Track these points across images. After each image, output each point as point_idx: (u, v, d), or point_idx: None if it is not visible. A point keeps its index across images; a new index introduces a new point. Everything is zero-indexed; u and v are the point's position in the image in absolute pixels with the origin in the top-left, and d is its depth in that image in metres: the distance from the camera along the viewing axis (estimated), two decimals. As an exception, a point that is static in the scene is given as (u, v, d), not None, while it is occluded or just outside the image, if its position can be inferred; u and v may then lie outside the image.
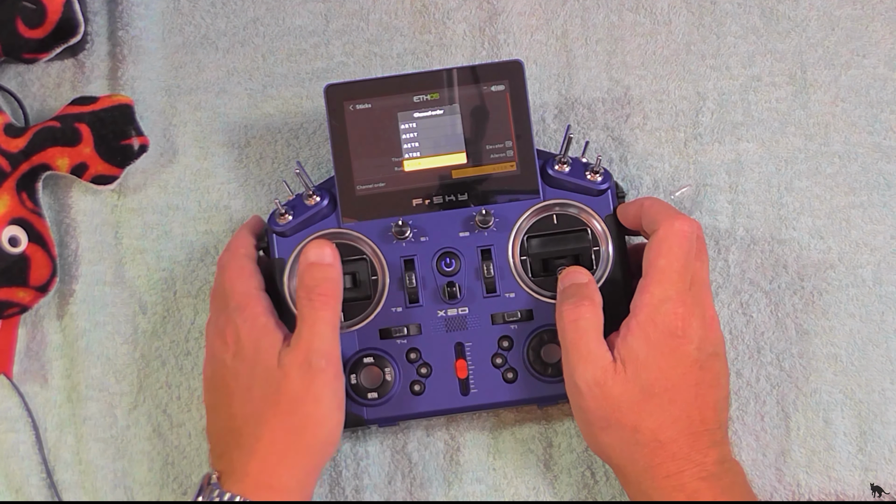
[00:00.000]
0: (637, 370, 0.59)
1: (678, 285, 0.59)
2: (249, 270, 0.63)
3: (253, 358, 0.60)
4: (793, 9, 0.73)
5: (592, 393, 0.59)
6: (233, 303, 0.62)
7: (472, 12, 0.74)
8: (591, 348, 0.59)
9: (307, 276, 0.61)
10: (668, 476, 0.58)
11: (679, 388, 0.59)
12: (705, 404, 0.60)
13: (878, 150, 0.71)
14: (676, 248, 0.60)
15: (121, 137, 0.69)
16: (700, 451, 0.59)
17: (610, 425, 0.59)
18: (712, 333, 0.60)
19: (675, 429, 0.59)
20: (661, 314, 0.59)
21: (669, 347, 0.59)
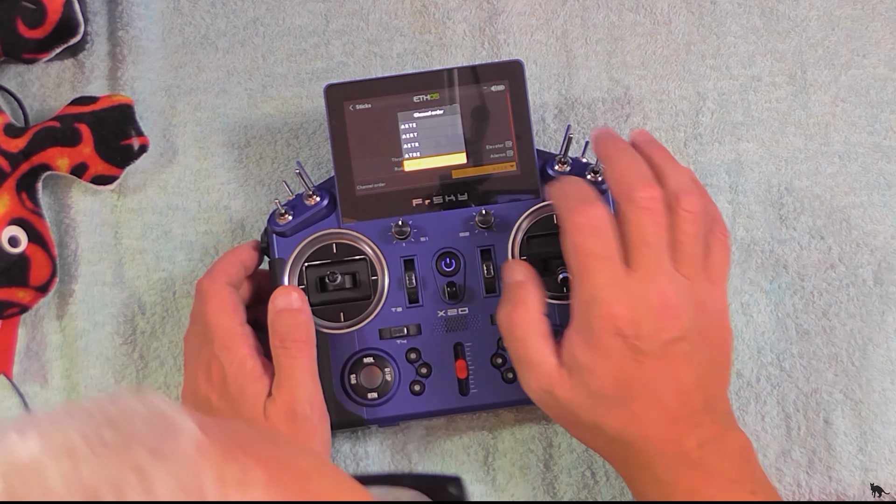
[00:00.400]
0: (582, 377, 0.56)
1: (601, 281, 0.55)
2: (232, 302, 0.62)
3: (238, 401, 0.61)
4: (793, 9, 0.73)
5: (544, 400, 0.58)
6: (217, 341, 0.61)
7: (472, 12, 0.74)
8: (532, 356, 0.57)
9: (278, 324, 0.61)
10: (641, 468, 0.57)
11: (634, 385, 0.55)
12: (672, 392, 0.56)
13: (878, 150, 0.71)
14: (581, 244, 0.56)
15: (121, 137, 0.69)
16: (673, 440, 0.56)
17: (573, 426, 0.59)
18: (669, 320, 0.55)
19: (641, 424, 0.56)
20: (593, 317, 0.55)
21: (612, 349, 0.55)
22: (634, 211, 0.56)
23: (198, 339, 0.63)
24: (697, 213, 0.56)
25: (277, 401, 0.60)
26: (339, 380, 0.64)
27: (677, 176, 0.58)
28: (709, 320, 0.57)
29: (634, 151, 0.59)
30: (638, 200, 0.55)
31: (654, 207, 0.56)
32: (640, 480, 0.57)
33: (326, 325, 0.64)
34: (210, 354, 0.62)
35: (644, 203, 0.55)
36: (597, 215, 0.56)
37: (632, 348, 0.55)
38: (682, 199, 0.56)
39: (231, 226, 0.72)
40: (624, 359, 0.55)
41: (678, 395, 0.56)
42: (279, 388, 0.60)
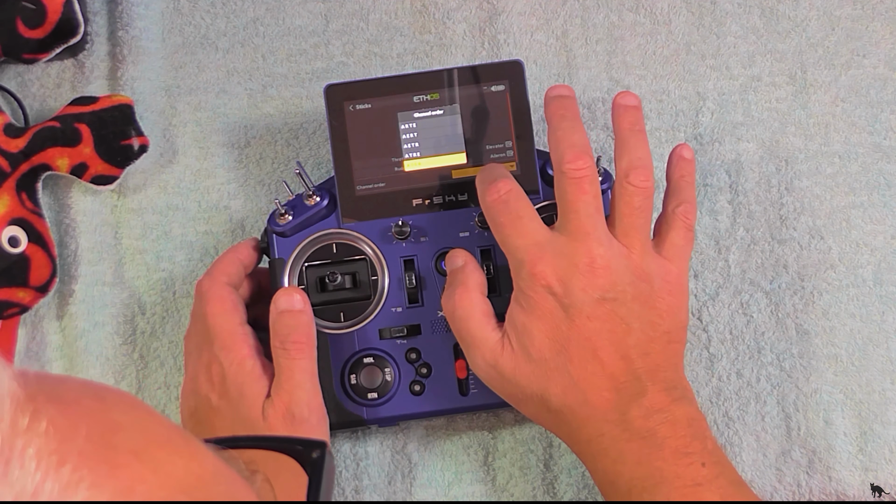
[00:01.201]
0: (520, 340, 0.57)
1: (519, 242, 0.57)
2: (231, 303, 0.63)
3: (237, 402, 0.61)
4: (793, 9, 0.73)
5: (490, 376, 0.59)
6: (217, 341, 0.61)
7: (472, 12, 0.74)
8: (474, 334, 0.59)
9: (279, 325, 0.61)
10: (588, 441, 0.57)
11: (571, 346, 0.56)
12: (610, 356, 0.56)
13: (878, 150, 0.71)
14: (494, 218, 0.59)
15: (121, 137, 0.69)
16: (617, 409, 0.56)
17: (520, 400, 0.59)
18: (598, 278, 0.56)
19: (581, 389, 0.56)
20: (523, 278, 0.57)
21: (545, 308, 0.56)
22: (561, 179, 0.58)
23: (198, 340, 0.63)
24: (644, 189, 0.58)
25: (276, 402, 0.60)
26: (339, 380, 0.64)
27: (633, 151, 0.59)
28: (651, 289, 0.58)
29: (576, 119, 0.60)
30: (566, 171, 0.57)
31: (581, 177, 0.57)
32: (589, 454, 0.57)
33: (326, 325, 0.64)
34: (210, 355, 0.62)
35: (570, 173, 0.57)
36: (504, 188, 0.58)
37: (563, 306, 0.56)
38: (631, 173, 0.58)
39: (231, 226, 0.72)
40: (557, 318, 0.56)
41: (617, 359, 0.56)
42: (278, 389, 0.60)
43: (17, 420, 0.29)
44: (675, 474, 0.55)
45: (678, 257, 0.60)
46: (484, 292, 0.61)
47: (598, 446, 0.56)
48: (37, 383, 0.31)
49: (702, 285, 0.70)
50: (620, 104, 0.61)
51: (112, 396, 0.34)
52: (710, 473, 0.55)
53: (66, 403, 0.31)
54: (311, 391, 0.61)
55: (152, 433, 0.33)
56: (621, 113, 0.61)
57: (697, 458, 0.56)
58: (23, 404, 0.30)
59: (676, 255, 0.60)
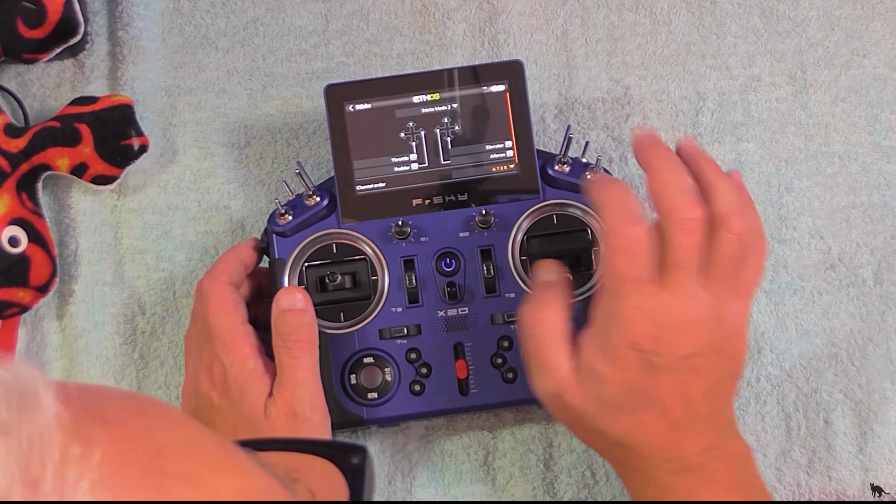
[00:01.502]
0: (594, 386, 0.55)
1: (631, 302, 0.54)
2: (233, 302, 0.63)
3: (239, 401, 0.61)
4: (793, 9, 0.73)
5: (553, 403, 0.58)
6: (219, 341, 0.61)
7: (472, 12, 0.74)
8: (549, 360, 0.57)
9: (281, 324, 0.61)
10: (640, 469, 0.57)
11: (643, 397, 0.55)
12: (679, 402, 0.56)
13: (878, 150, 0.71)
14: (616, 266, 0.55)
15: (121, 137, 0.69)
16: (676, 447, 0.56)
17: (578, 428, 0.59)
18: (688, 337, 0.55)
19: (645, 433, 0.56)
20: (615, 330, 0.55)
21: (627, 361, 0.55)
22: (676, 231, 0.54)
23: (199, 339, 0.63)
24: (741, 236, 0.55)
25: (278, 401, 0.60)
26: (339, 380, 0.64)
27: (727, 195, 0.56)
28: (725, 335, 0.56)
29: (680, 163, 0.57)
30: (681, 221, 0.54)
31: (696, 230, 0.54)
32: (639, 482, 0.58)
33: (326, 325, 0.64)
34: (211, 354, 0.62)
35: (687, 225, 0.54)
36: (637, 238, 0.54)
37: (647, 363, 0.55)
38: (729, 220, 0.55)
39: (231, 226, 0.72)
40: (638, 372, 0.55)
41: (685, 406, 0.56)
42: (280, 388, 0.60)
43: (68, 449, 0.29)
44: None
45: (749, 293, 0.58)
46: (569, 314, 0.58)
47: (650, 476, 0.57)
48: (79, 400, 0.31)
49: (702, 285, 0.70)
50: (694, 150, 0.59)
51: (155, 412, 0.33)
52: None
53: (112, 424, 0.31)
54: (313, 390, 0.61)
55: (200, 452, 0.33)
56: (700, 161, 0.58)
57: (746, 494, 0.57)
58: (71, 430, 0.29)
59: (748, 293, 0.58)
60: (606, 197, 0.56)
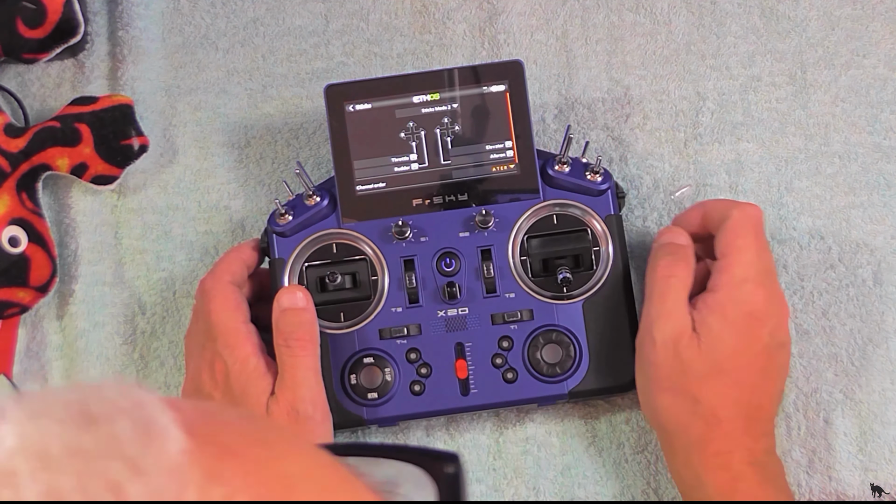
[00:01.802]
0: (712, 343, 0.60)
1: (756, 266, 0.61)
2: (235, 301, 0.63)
3: (241, 400, 0.61)
4: (793, 9, 0.73)
5: (666, 349, 0.60)
6: (221, 339, 0.62)
7: (472, 12, 0.74)
8: (676, 307, 0.61)
9: (282, 323, 0.62)
10: (717, 454, 0.59)
11: (747, 370, 0.60)
12: (765, 393, 0.61)
13: (878, 150, 0.71)
14: (752, 230, 0.62)
15: (121, 137, 0.69)
16: (753, 436, 0.60)
17: (673, 388, 0.60)
18: (784, 324, 0.62)
19: (735, 409, 0.60)
20: (741, 293, 0.60)
21: (745, 328, 0.60)
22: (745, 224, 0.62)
23: (201, 338, 0.63)
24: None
25: (280, 399, 0.60)
26: (339, 380, 0.64)
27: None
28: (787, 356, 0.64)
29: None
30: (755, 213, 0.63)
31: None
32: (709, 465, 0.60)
33: (326, 325, 0.64)
34: (213, 353, 0.62)
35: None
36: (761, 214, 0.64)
37: (756, 335, 0.60)
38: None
39: (231, 226, 0.72)
40: (748, 341, 0.60)
41: (764, 398, 0.61)
42: (282, 386, 0.60)
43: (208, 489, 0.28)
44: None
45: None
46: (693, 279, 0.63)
47: (724, 460, 0.59)
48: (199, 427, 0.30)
49: (702, 285, 0.70)
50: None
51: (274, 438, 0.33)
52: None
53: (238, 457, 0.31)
54: (314, 388, 0.61)
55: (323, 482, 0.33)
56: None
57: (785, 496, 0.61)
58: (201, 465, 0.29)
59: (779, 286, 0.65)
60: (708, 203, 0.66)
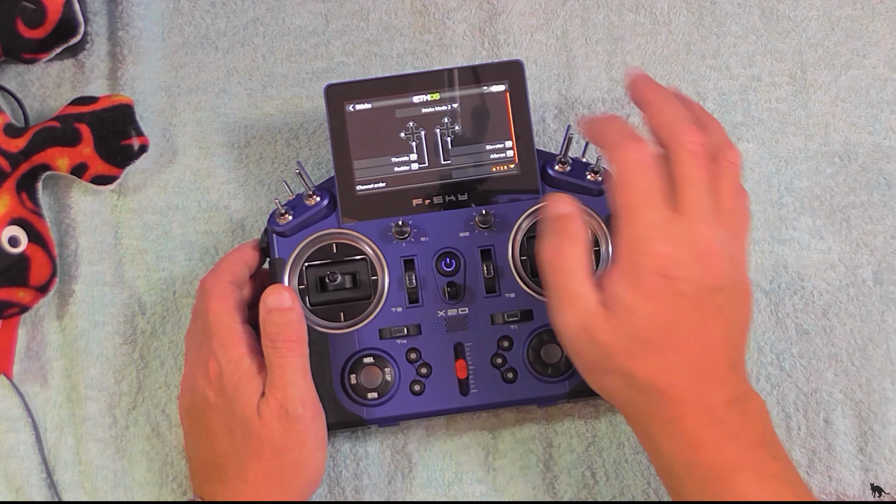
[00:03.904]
0: (625, 317, 0.54)
1: (649, 218, 0.54)
2: (233, 301, 0.63)
3: (234, 400, 0.61)
4: (793, 9, 0.73)
5: (580, 339, 0.56)
6: (216, 338, 0.62)
7: (472, 12, 0.74)
8: (575, 291, 0.55)
9: (268, 324, 0.61)
10: (669, 421, 0.55)
11: (674, 331, 0.54)
12: (708, 344, 0.55)
13: (878, 150, 0.71)
14: (631, 180, 0.55)
15: (121, 137, 0.69)
16: (704, 395, 0.55)
17: (603, 371, 0.57)
18: (711, 267, 0.55)
19: (674, 374, 0.55)
20: (640, 254, 0.54)
21: (657, 289, 0.54)
22: (682, 154, 0.55)
23: (198, 336, 0.63)
24: (738, 167, 0.57)
25: (270, 400, 0.60)
26: (339, 380, 0.64)
27: (719, 129, 0.58)
28: (740, 277, 0.57)
29: (674, 97, 0.58)
30: (686, 143, 0.55)
31: (700, 153, 0.55)
32: (667, 437, 0.56)
33: (326, 325, 0.64)
34: (209, 351, 0.62)
35: (691, 147, 0.55)
36: (645, 150, 0.55)
37: (674, 291, 0.54)
38: (727, 150, 0.56)
39: (231, 226, 0.72)
40: (666, 301, 0.54)
41: (710, 348, 0.55)
42: (271, 387, 0.60)
43: None
44: (749, 465, 0.54)
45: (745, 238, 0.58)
46: (591, 247, 0.58)
47: (677, 428, 0.55)
48: None
49: (702, 285, 0.70)
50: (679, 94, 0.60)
51: None
52: (780, 468, 0.55)
53: None
54: (304, 388, 0.61)
55: None
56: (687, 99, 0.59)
57: (769, 451, 0.55)
58: None
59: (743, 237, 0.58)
60: (604, 126, 0.57)
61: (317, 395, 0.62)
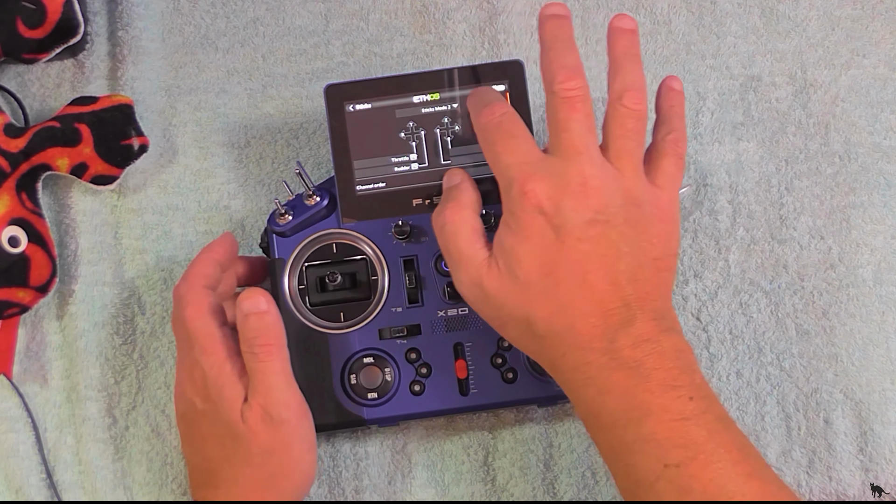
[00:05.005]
0: (507, 262, 0.55)
1: (510, 160, 0.56)
2: (208, 305, 0.62)
3: (218, 405, 0.61)
4: (793, 9, 0.73)
5: (475, 295, 0.57)
6: (197, 345, 0.61)
7: (472, 12, 0.74)
8: (462, 250, 0.57)
9: (245, 329, 0.60)
10: (574, 369, 0.55)
11: (559, 269, 0.54)
12: (599, 281, 0.54)
13: (878, 150, 0.71)
14: (486, 138, 0.57)
15: (121, 137, 0.69)
16: (605, 336, 0.54)
17: (504, 323, 0.57)
18: (589, 199, 0.54)
19: (569, 315, 0.54)
20: (513, 197, 0.55)
21: (533, 228, 0.54)
22: (552, 99, 0.56)
23: (181, 344, 0.63)
24: (637, 111, 0.57)
25: (253, 405, 0.60)
26: (339, 380, 0.64)
27: (627, 74, 0.58)
28: (642, 214, 0.56)
29: (571, 41, 0.58)
30: (557, 91, 0.56)
31: (573, 97, 0.56)
32: (574, 383, 0.55)
33: (326, 325, 0.64)
34: (192, 359, 0.61)
35: (562, 93, 0.56)
36: (499, 111, 0.57)
37: (553, 227, 0.54)
38: (624, 95, 0.57)
39: (231, 226, 0.72)
40: (546, 239, 0.55)
41: (606, 285, 0.54)
42: (253, 392, 0.60)
43: None
44: (661, 407, 0.53)
45: (669, 185, 0.58)
46: (477, 210, 0.59)
47: (583, 375, 0.54)
48: None
49: (702, 285, 0.70)
50: (617, 27, 0.59)
51: None
52: (697, 408, 0.53)
53: None
54: (286, 391, 0.61)
55: None
56: (617, 36, 0.59)
57: (685, 392, 0.53)
58: None
59: (667, 183, 0.58)
60: (470, 97, 0.60)
61: (301, 396, 0.62)
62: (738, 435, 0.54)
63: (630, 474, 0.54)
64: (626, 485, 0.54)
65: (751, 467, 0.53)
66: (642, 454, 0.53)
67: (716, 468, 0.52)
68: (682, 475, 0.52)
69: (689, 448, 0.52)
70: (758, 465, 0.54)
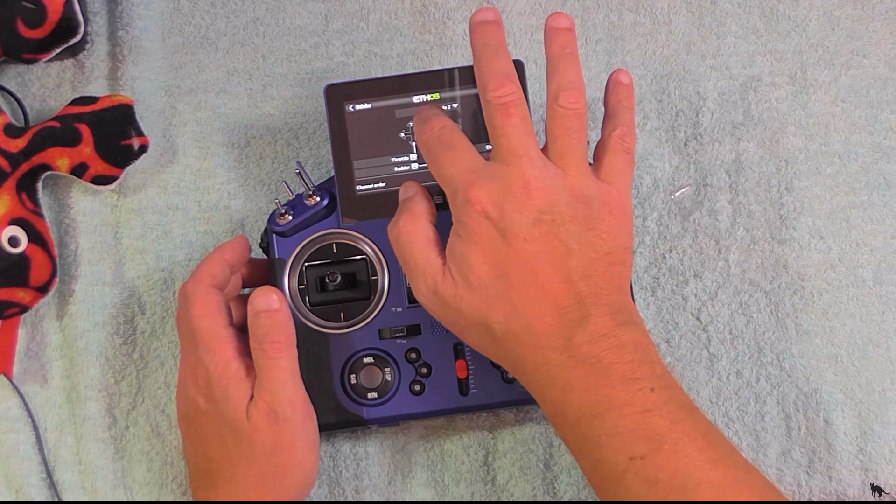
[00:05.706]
0: (460, 268, 0.56)
1: (452, 171, 0.57)
2: (216, 305, 0.62)
3: (223, 404, 0.61)
4: (793, 9, 0.73)
5: (432, 302, 0.57)
6: (202, 344, 0.61)
7: (472, 12, 0.74)
8: (418, 259, 0.58)
9: (256, 326, 0.61)
10: (534, 369, 0.55)
11: (510, 271, 0.55)
12: (551, 279, 0.55)
13: (878, 150, 0.71)
14: (428, 154, 0.58)
15: (121, 137, 0.69)
16: (561, 334, 0.54)
17: (464, 329, 0.57)
18: (531, 199, 0.55)
19: (524, 315, 0.55)
20: (458, 207, 0.56)
21: (480, 232, 0.55)
22: (487, 108, 0.57)
23: (185, 343, 0.63)
24: (575, 110, 0.57)
25: (259, 403, 0.60)
26: (339, 380, 0.64)
27: (563, 73, 0.58)
28: (589, 210, 0.56)
29: (501, 46, 0.58)
30: (490, 99, 0.56)
31: (506, 103, 0.56)
32: (536, 383, 0.56)
33: (326, 325, 0.64)
34: (196, 358, 0.61)
35: (495, 101, 0.56)
36: (438, 125, 0.58)
37: (499, 230, 0.55)
38: (560, 95, 0.57)
39: (231, 226, 0.72)
40: (495, 243, 0.55)
41: (558, 282, 0.55)
42: (260, 390, 0.60)
43: None
44: (623, 401, 0.53)
45: (617, 180, 0.58)
46: (430, 220, 0.59)
47: (544, 374, 0.55)
48: None
49: (702, 285, 0.70)
50: (552, 26, 0.59)
51: None
52: (659, 399, 0.54)
53: None
54: (292, 390, 0.61)
55: None
56: (552, 36, 0.59)
57: (646, 384, 0.54)
58: None
59: (615, 179, 0.58)
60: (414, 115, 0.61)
61: (307, 396, 0.62)
62: (703, 422, 0.55)
63: (598, 469, 0.54)
64: (595, 480, 0.55)
65: (716, 453, 0.53)
66: (608, 448, 0.53)
67: (681, 457, 0.52)
68: (647, 466, 0.52)
69: (654, 439, 0.52)
70: (723, 450, 0.54)
